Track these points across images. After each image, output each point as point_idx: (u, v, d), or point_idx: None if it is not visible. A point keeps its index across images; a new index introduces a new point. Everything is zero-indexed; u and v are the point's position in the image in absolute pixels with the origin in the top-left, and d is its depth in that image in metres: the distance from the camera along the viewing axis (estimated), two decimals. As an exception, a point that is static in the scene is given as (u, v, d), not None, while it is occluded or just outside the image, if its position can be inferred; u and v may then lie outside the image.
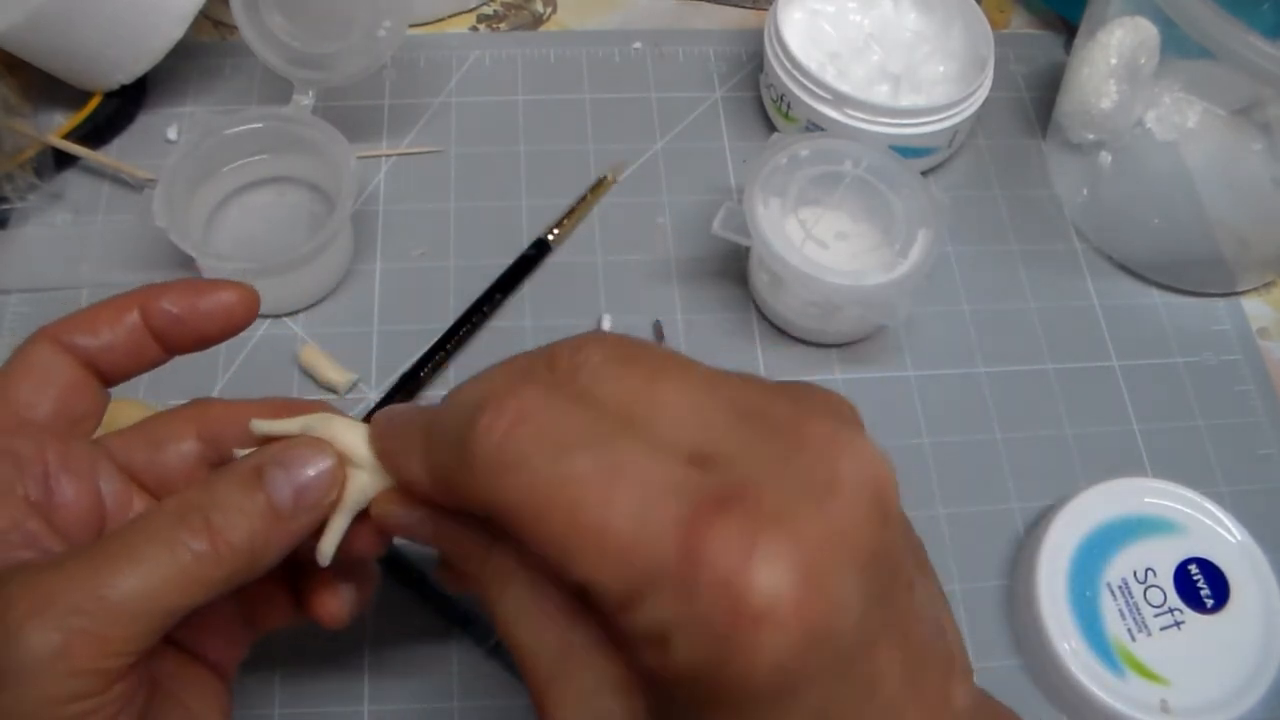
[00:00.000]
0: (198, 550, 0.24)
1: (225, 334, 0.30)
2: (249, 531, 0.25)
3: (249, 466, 0.26)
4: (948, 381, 0.49)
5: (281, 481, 0.26)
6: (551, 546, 0.20)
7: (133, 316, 0.29)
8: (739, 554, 0.19)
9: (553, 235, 0.51)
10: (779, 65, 0.52)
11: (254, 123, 0.48)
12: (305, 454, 0.26)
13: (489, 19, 0.60)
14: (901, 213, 0.47)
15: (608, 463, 0.20)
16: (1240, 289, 0.53)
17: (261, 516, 0.25)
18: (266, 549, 0.25)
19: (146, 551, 0.24)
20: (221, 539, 0.25)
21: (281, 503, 0.25)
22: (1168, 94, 0.53)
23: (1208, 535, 0.43)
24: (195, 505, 0.25)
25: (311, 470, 0.26)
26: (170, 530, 0.25)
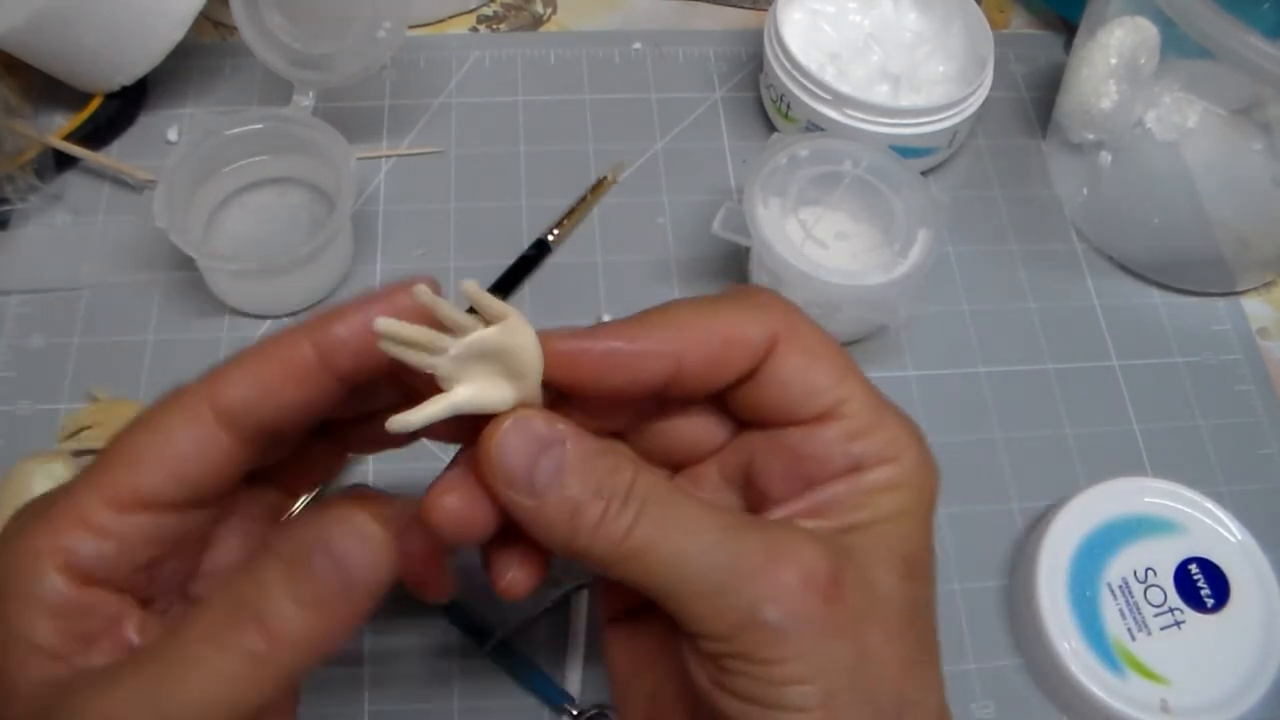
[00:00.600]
0: (255, 651, 0.23)
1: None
2: (303, 628, 0.23)
3: (292, 553, 0.24)
4: (948, 381, 0.49)
5: (328, 570, 0.24)
6: (830, 373, 0.27)
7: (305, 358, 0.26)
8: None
9: (553, 235, 0.51)
10: (779, 65, 0.52)
11: (254, 124, 0.48)
12: (347, 535, 0.24)
13: (489, 20, 0.60)
14: (901, 213, 0.47)
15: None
16: (1240, 289, 0.53)
17: (314, 610, 0.23)
18: (330, 637, 0.24)
19: (204, 659, 0.23)
20: (278, 637, 0.23)
21: (333, 593, 0.24)
22: (1168, 94, 0.53)
23: (1208, 535, 0.43)
24: (244, 603, 0.23)
25: (358, 554, 0.24)
26: (225, 633, 0.23)
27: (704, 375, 0.26)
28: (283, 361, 0.25)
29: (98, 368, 0.46)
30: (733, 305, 0.27)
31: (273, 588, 0.23)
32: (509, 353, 0.25)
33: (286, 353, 0.25)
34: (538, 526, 0.25)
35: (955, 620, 0.43)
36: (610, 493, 0.24)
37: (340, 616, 0.24)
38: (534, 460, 0.24)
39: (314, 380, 0.25)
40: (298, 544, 0.24)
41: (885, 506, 0.26)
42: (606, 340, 0.26)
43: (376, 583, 0.24)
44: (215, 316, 0.48)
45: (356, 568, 0.24)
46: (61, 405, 0.45)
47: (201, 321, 0.48)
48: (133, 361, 0.46)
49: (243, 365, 0.26)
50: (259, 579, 0.24)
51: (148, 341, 0.47)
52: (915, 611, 0.26)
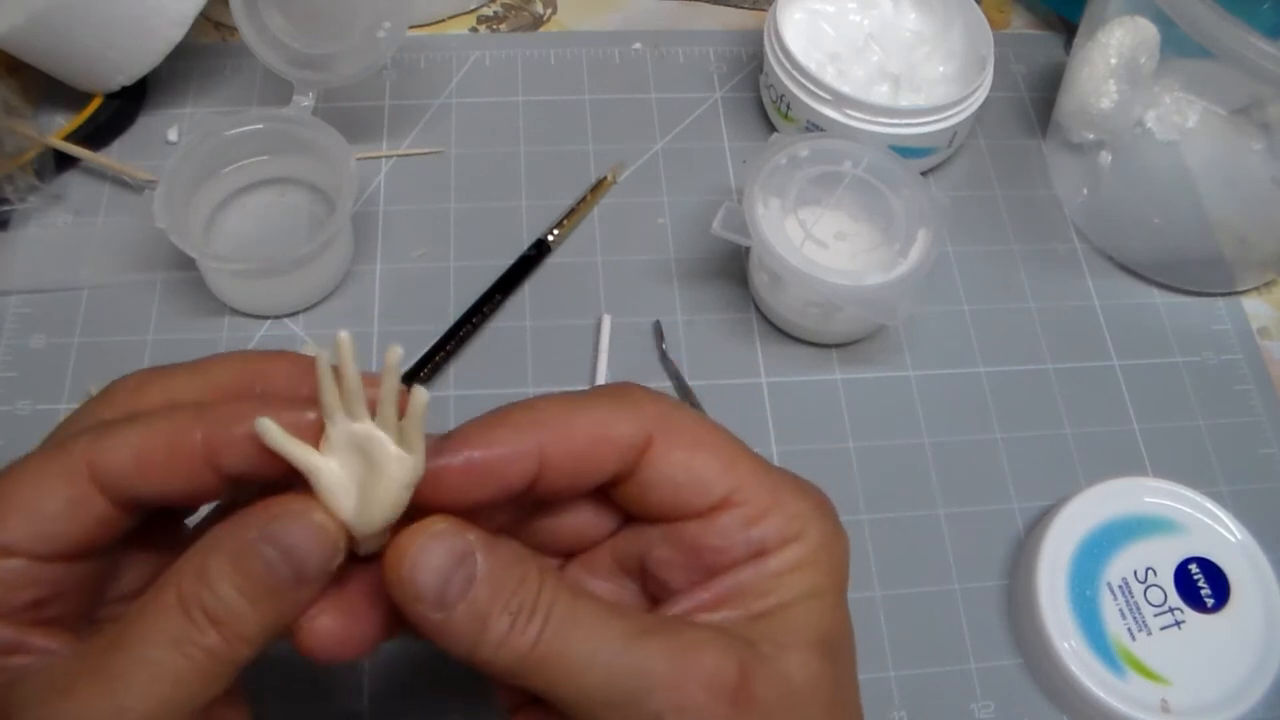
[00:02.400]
0: (210, 647, 0.23)
1: None
2: (255, 621, 0.23)
3: (239, 545, 0.23)
4: (948, 381, 0.49)
5: (278, 562, 0.23)
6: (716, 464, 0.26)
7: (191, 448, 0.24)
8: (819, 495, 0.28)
9: (553, 235, 0.51)
10: (779, 65, 0.52)
11: (254, 124, 0.48)
12: (297, 526, 0.24)
13: (489, 20, 0.60)
14: (901, 213, 0.47)
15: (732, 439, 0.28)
16: (1240, 289, 0.53)
17: (265, 601, 0.23)
18: (279, 626, 0.24)
19: (158, 659, 0.23)
20: (229, 631, 0.23)
21: (283, 584, 0.23)
22: (1168, 94, 0.53)
23: (1208, 535, 0.43)
24: (194, 599, 0.23)
25: (308, 542, 0.24)
26: (178, 630, 0.23)
27: (571, 474, 0.26)
28: (168, 444, 0.24)
29: (98, 368, 0.46)
30: (600, 403, 0.26)
31: (220, 582, 0.23)
32: (374, 470, 0.24)
33: (175, 436, 0.24)
34: (442, 638, 0.24)
35: (955, 620, 0.43)
36: (518, 606, 0.24)
37: (292, 606, 0.24)
38: (448, 575, 0.24)
39: (196, 473, 0.24)
40: (243, 534, 0.23)
41: (793, 589, 0.26)
42: (463, 452, 0.25)
43: (328, 571, 0.24)
44: (215, 317, 0.48)
45: (307, 558, 0.24)
46: (61, 405, 0.45)
47: (201, 322, 0.48)
48: (133, 362, 0.46)
49: (129, 435, 0.24)
50: (205, 574, 0.23)
51: (148, 342, 0.47)
52: (836, 693, 0.26)
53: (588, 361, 0.48)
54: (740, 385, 0.48)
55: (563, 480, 0.26)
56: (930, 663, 0.42)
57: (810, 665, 0.25)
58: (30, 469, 0.24)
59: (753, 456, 0.27)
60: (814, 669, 0.25)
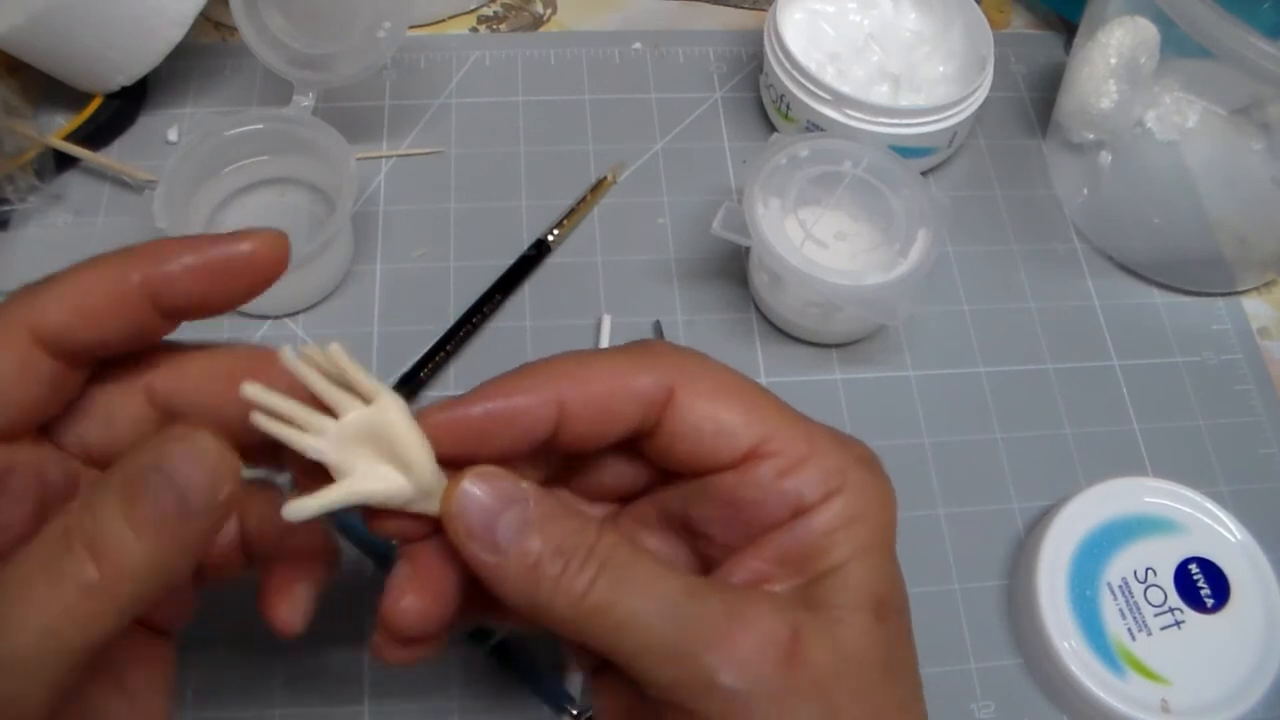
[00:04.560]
0: (86, 580, 0.21)
1: (251, 294, 0.26)
2: (138, 552, 0.22)
3: (128, 475, 0.22)
4: (948, 381, 0.49)
5: (163, 490, 0.22)
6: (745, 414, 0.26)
7: (132, 286, 0.24)
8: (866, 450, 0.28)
9: (553, 235, 0.51)
10: (779, 65, 0.52)
11: (254, 124, 0.48)
12: (178, 450, 0.22)
13: (489, 20, 0.60)
14: (901, 213, 0.47)
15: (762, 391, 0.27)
16: (1240, 289, 0.53)
17: (149, 532, 0.22)
18: (169, 564, 0.22)
19: (32, 590, 0.21)
20: (109, 564, 0.21)
21: (168, 514, 0.22)
22: (1168, 94, 0.53)
23: (1208, 535, 0.43)
24: (76, 529, 0.22)
25: (191, 470, 0.22)
26: (54, 562, 0.21)
27: (593, 424, 0.26)
28: (106, 289, 0.24)
29: (98, 368, 0.46)
30: (619, 356, 0.26)
31: (105, 510, 0.22)
32: (389, 437, 0.24)
33: (112, 281, 0.24)
34: (500, 583, 0.24)
35: (955, 620, 0.43)
36: (571, 551, 0.24)
37: (179, 540, 0.22)
38: (496, 516, 0.24)
39: (138, 313, 0.25)
40: (131, 466, 0.22)
41: (843, 548, 0.25)
42: (481, 403, 0.25)
43: (215, 501, 0.23)
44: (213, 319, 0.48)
45: (194, 486, 0.22)
46: (61, 405, 0.45)
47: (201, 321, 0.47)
48: (133, 362, 0.46)
49: (63, 288, 0.24)
50: (91, 504, 0.22)
51: (148, 342, 0.47)
52: (890, 655, 0.26)
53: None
54: (740, 385, 0.48)
55: (585, 430, 0.26)
56: (930, 662, 0.42)
57: (863, 627, 0.25)
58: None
59: (783, 406, 0.26)
60: (867, 631, 0.25)
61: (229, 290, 0.26)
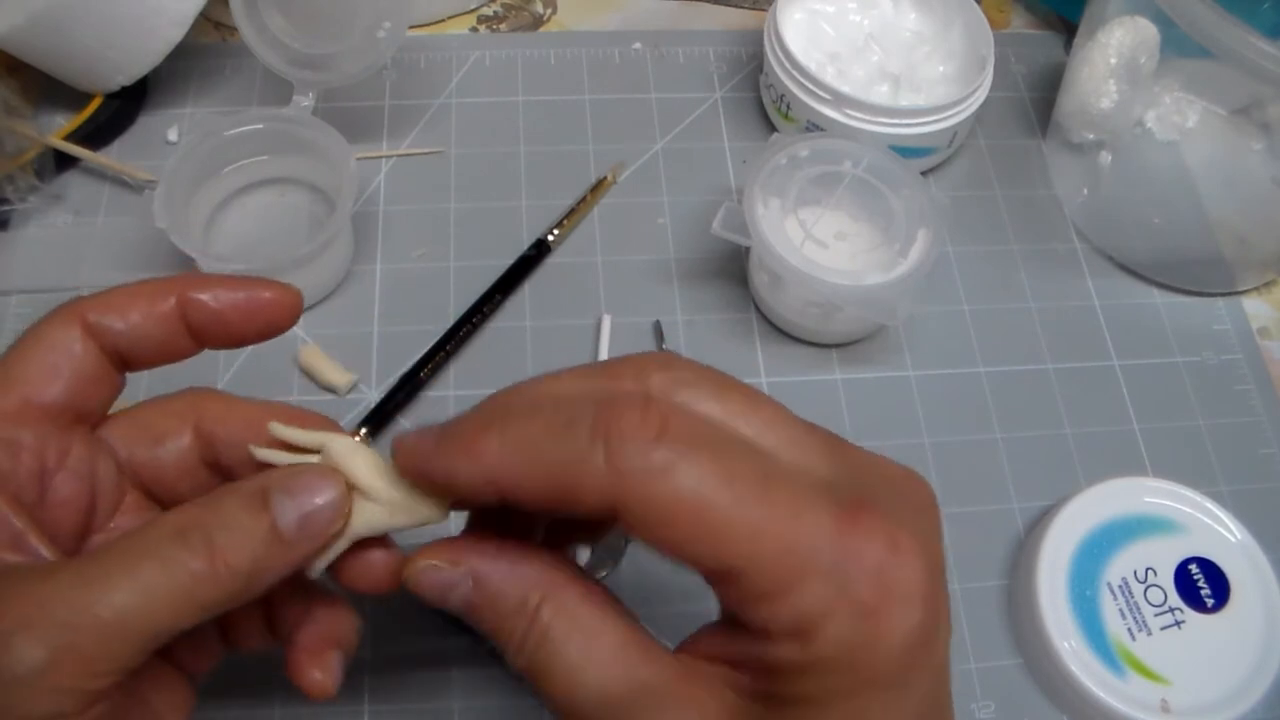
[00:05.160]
0: (196, 570, 0.24)
1: (264, 335, 0.29)
2: (251, 555, 0.24)
3: (255, 488, 0.25)
4: (948, 381, 0.49)
5: (288, 508, 0.25)
6: (701, 543, 0.22)
7: (169, 305, 0.28)
8: (886, 548, 0.22)
9: (553, 235, 0.51)
10: (779, 65, 0.52)
11: (254, 124, 0.48)
12: (314, 481, 0.25)
13: (489, 20, 0.60)
14: (901, 213, 0.47)
15: (760, 465, 0.22)
16: (1240, 289, 0.53)
17: (264, 541, 0.25)
18: (265, 574, 0.25)
19: (143, 568, 0.23)
20: (221, 560, 0.24)
21: (286, 528, 0.25)
22: (1168, 94, 0.53)
23: (1208, 535, 0.43)
24: (198, 523, 0.24)
25: (319, 499, 0.25)
26: (170, 547, 0.24)
27: (541, 505, 0.23)
28: (149, 301, 0.27)
29: (98, 368, 0.46)
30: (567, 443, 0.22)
31: (230, 517, 0.24)
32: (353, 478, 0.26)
33: (153, 295, 0.28)
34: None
35: (955, 620, 0.43)
36: (508, 634, 0.25)
37: (283, 557, 0.25)
38: (444, 596, 0.25)
39: (172, 327, 0.28)
40: (262, 482, 0.25)
41: (808, 687, 0.22)
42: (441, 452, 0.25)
43: (326, 534, 0.26)
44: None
45: (315, 514, 0.25)
46: (61, 405, 0.45)
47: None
48: (133, 361, 0.46)
49: (112, 293, 0.28)
50: (218, 506, 0.25)
51: (148, 341, 0.47)
52: None
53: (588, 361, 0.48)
54: (740, 385, 0.48)
55: (535, 506, 0.24)
56: (930, 663, 0.42)
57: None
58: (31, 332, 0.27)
59: (779, 508, 0.22)
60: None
61: (246, 323, 0.29)
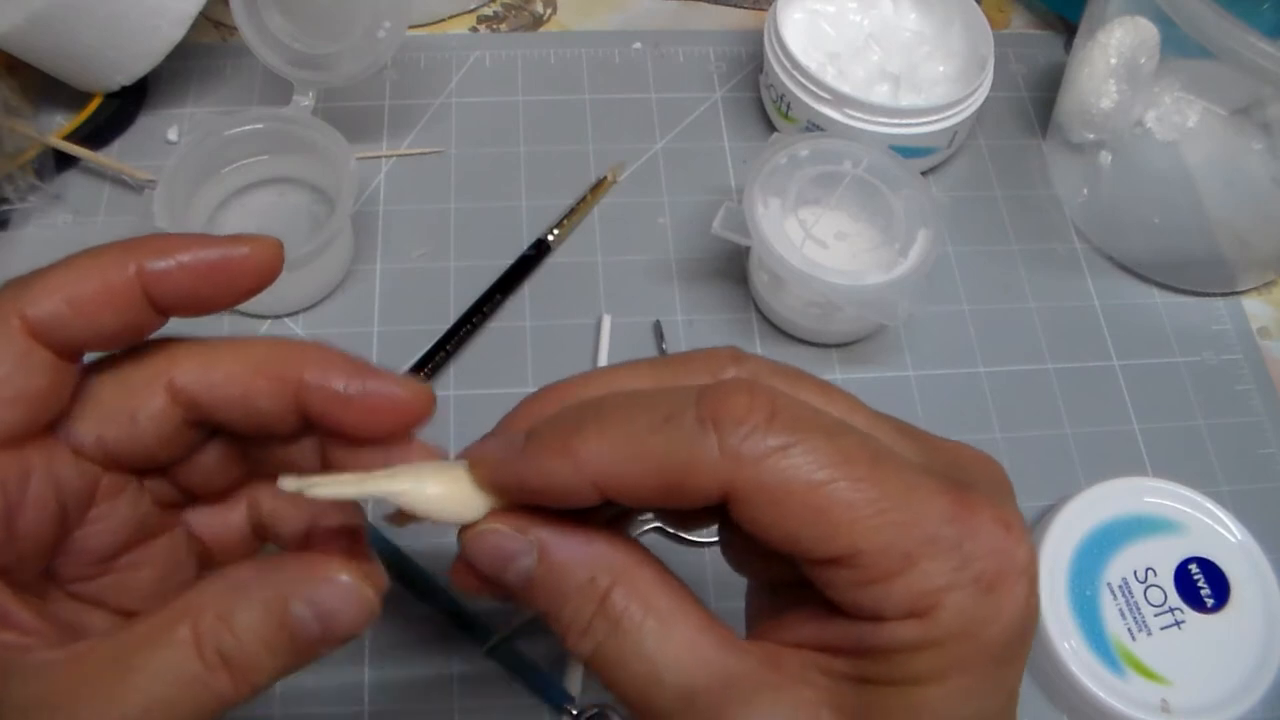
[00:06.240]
0: (219, 689, 0.22)
1: (240, 299, 0.26)
2: (271, 669, 0.23)
3: (272, 597, 0.23)
4: (948, 381, 0.49)
5: (309, 621, 0.23)
6: (817, 526, 0.21)
7: (127, 276, 0.24)
8: (999, 526, 0.22)
9: (553, 235, 0.51)
10: (779, 65, 0.52)
11: (254, 124, 0.48)
12: (337, 593, 0.23)
13: (489, 20, 0.60)
14: (901, 213, 0.47)
15: (869, 447, 0.22)
16: (1240, 289, 0.53)
17: (287, 655, 0.23)
18: (293, 671, 0.24)
19: (162, 694, 0.22)
20: (242, 679, 0.23)
21: (308, 643, 0.23)
22: (1168, 94, 0.53)
23: (1208, 535, 0.43)
24: (212, 640, 0.22)
25: (345, 609, 0.23)
26: (189, 669, 0.22)
27: (641, 500, 0.22)
28: (100, 281, 0.24)
29: (98, 368, 0.46)
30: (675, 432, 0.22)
31: (247, 631, 0.23)
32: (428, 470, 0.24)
33: (105, 272, 0.24)
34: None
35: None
36: (570, 618, 0.23)
37: (310, 659, 0.23)
38: (503, 566, 0.24)
39: (133, 308, 0.24)
40: (279, 588, 0.23)
41: (914, 668, 0.21)
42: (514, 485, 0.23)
43: (359, 633, 0.24)
44: (215, 316, 0.47)
45: (341, 623, 0.23)
46: (61, 405, 0.45)
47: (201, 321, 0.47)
48: (133, 361, 0.46)
49: (56, 279, 0.24)
50: (230, 617, 0.23)
51: (148, 341, 0.47)
52: None
53: (588, 362, 0.48)
54: (740, 385, 0.48)
55: (640, 502, 0.23)
56: (930, 663, 0.42)
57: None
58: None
59: (894, 488, 0.21)
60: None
61: (222, 290, 0.26)
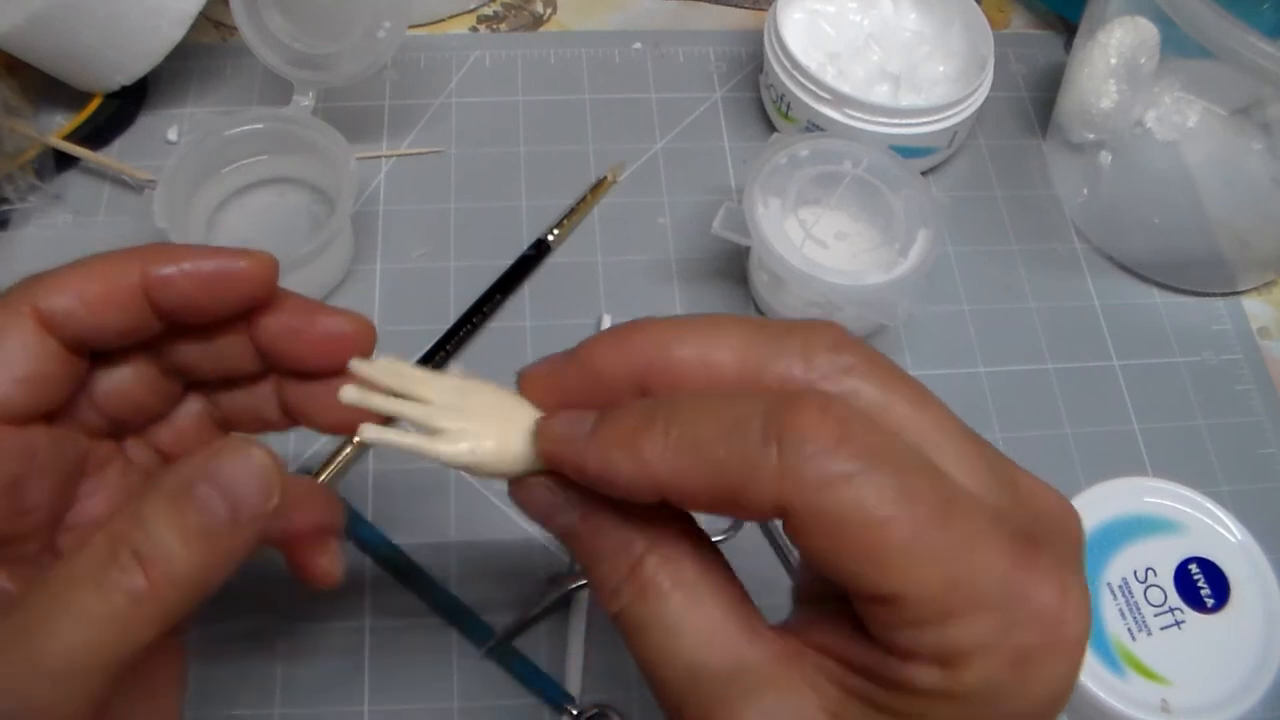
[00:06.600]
0: (134, 589, 0.22)
1: (237, 311, 0.27)
2: (187, 562, 0.22)
3: (176, 484, 0.23)
4: (948, 381, 0.49)
5: (214, 500, 0.22)
6: (867, 563, 0.20)
7: (132, 281, 0.25)
8: (1056, 593, 0.21)
9: (553, 235, 0.51)
10: (779, 65, 0.52)
11: (254, 124, 0.48)
12: (235, 463, 0.23)
13: (489, 19, 0.60)
14: (901, 213, 0.47)
15: (940, 489, 0.21)
16: (1240, 289, 0.53)
17: (199, 542, 0.22)
18: (214, 573, 0.23)
19: (78, 601, 0.21)
20: (158, 573, 0.22)
21: (218, 523, 0.22)
22: (1168, 94, 0.53)
23: (1208, 535, 0.42)
24: (124, 539, 0.22)
25: (246, 479, 0.23)
26: (101, 572, 0.22)
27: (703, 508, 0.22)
28: (108, 282, 0.25)
29: (98, 368, 0.46)
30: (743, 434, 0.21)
31: (154, 521, 0.22)
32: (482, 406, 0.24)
33: (114, 275, 0.26)
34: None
35: None
36: (605, 578, 0.23)
37: (227, 549, 0.23)
38: (550, 515, 0.24)
39: (137, 309, 0.26)
40: (181, 475, 0.23)
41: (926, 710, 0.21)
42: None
43: (264, 513, 0.23)
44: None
45: (245, 496, 0.23)
46: (61, 405, 0.45)
47: (201, 321, 0.48)
48: (133, 361, 0.46)
49: (68, 276, 0.26)
50: (139, 513, 0.22)
51: (148, 341, 0.47)
52: None
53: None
54: (740, 385, 0.48)
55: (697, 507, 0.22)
56: (930, 663, 0.42)
57: None
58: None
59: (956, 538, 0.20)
60: None
61: (219, 299, 0.26)
